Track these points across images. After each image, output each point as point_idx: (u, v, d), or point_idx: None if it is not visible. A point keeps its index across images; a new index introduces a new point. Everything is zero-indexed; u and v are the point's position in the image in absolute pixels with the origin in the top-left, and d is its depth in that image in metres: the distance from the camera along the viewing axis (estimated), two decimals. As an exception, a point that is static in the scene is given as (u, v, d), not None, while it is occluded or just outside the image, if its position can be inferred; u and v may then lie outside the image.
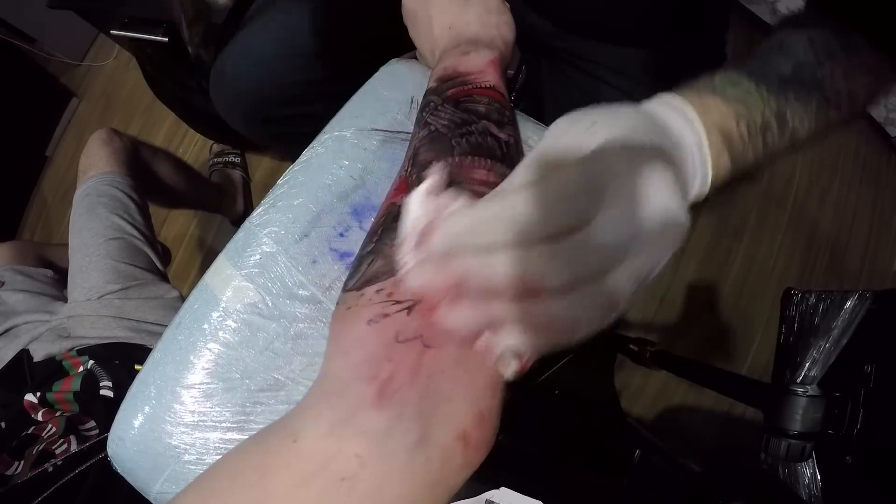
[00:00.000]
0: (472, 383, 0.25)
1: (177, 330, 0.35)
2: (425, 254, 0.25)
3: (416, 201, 0.27)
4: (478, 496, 0.47)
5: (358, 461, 0.23)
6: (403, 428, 0.24)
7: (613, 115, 0.27)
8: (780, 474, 0.71)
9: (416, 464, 0.24)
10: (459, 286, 0.24)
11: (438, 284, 0.25)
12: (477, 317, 0.24)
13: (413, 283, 0.26)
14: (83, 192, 0.86)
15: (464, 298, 0.24)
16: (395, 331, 0.26)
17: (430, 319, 0.25)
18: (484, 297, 0.24)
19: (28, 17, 1.45)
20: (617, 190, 0.23)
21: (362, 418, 0.24)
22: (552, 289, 0.23)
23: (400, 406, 0.24)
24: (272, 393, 0.33)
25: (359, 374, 0.25)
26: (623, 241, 0.23)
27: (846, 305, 0.70)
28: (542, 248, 0.23)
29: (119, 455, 0.34)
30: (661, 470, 0.91)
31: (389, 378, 0.24)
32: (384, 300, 0.27)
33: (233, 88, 0.69)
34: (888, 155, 1.45)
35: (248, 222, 0.36)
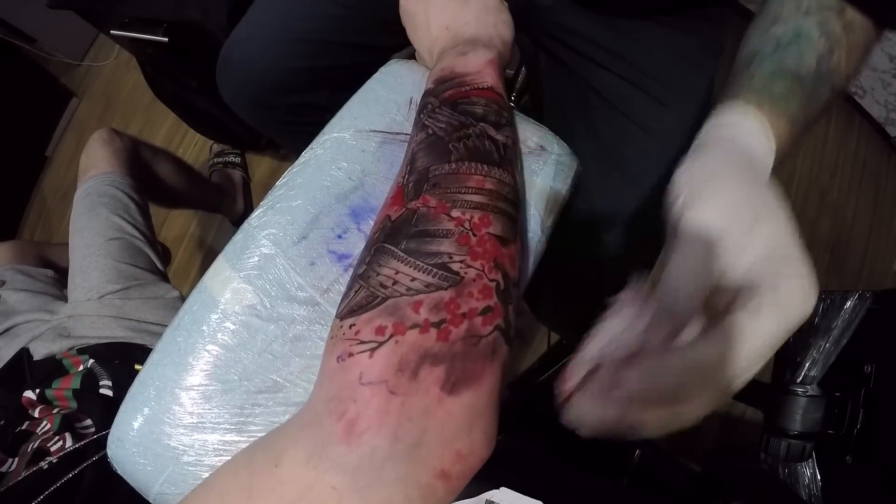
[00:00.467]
0: (443, 430, 0.25)
1: (176, 331, 0.35)
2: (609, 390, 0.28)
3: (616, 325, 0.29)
4: (478, 496, 0.47)
5: (335, 494, 0.23)
6: (377, 467, 0.24)
7: (772, 216, 0.30)
8: (780, 474, 0.71)
9: (396, 499, 0.24)
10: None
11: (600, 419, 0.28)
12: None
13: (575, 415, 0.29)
14: (83, 192, 0.86)
15: None
16: (359, 372, 0.25)
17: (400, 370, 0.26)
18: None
19: (28, 17, 1.46)
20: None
21: (334, 452, 0.24)
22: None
23: (370, 447, 0.24)
24: (270, 395, 0.33)
25: (328, 409, 0.25)
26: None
27: (846, 305, 0.70)
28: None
29: (118, 456, 0.35)
30: (661, 470, 0.91)
31: (356, 418, 0.24)
32: (352, 338, 0.27)
33: (240, 74, 0.69)
34: (888, 155, 1.45)
35: (247, 224, 0.36)
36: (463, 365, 0.26)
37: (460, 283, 0.27)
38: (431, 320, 0.26)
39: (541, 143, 0.43)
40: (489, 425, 0.26)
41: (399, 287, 0.27)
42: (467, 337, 0.26)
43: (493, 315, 0.27)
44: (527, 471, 0.55)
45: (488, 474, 0.48)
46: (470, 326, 0.26)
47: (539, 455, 1.00)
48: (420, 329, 0.26)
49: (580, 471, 0.73)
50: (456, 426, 0.25)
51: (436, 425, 0.25)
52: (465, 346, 0.26)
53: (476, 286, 0.27)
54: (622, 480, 0.94)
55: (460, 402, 0.25)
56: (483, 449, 0.26)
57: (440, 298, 0.27)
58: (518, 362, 1.29)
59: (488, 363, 0.27)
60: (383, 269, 0.28)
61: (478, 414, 0.26)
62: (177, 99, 1.26)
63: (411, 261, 0.28)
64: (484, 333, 0.27)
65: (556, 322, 0.87)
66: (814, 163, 1.42)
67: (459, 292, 0.27)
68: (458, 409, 0.25)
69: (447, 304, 0.27)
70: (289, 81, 0.68)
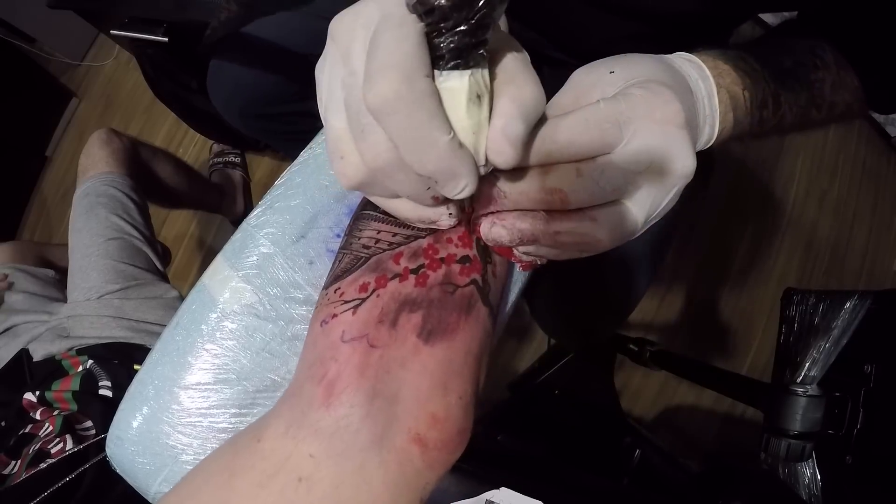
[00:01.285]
0: (418, 385, 0.25)
1: (174, 330, 0.35)
2: None
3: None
4: (478, 496, 0.47)
5: (312, 461, 0.24)
6: (353, 429, 0.24)
7: (631, 62, 0.29)
8: (780, 474, 0.71)
9: (371, 465, 0.24)
10: (496, 202, 0.26)
11: (482, 197, 0.26)
12: (512, 232, 0.25)
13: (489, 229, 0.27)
14: (83, 193, 0.86)
15: (501, 216, 0.26)
16: (342, 330, 0.26)
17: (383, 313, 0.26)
18: (518, 215, 0.25)
19: (28, 17, 1.45)
20: (637, 126, 0.25)
21: (313, 418, 0.24)
22: (577, 204, 0.25)
23: (348, 406, 0.24)
24: (269, 394, 0.33)
25: (309, 375, 0.26)
26: (639, 169, 0.25)
27: (846, 305, 0.70)
28: (568, 167, 0.24)
29: (117, 455, 0.34)
30: (661, 470, 0.91)
31: (336, 378, 0.25)
32: (336, 300, 0.27)
33: (230, 84, 0.70)
34: (888, 155, 1.45)
35: (246, 223, 0.36)
36: (439, 313, 0.26)
37: (439, 231, 0.28)
38: (410, 267, 0.27)
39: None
40: (465, 391, 0.26)
41: (381, 245, 0.28)
42: (444, 283, 0.27)
43: (472, 267, 0.28)
44: (527, 471, 0.55)
45: (488, 474, 0.48)
46: (447, 272, 0.27)
47: (539, 455, 1.00)
48: (400, 278, 0.26)
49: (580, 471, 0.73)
50: (431, 383, 0.25)
51: (411, 379, 0.25)
52: (442, 292, 0.26)
53: (455, 233, 0.28)
54: (622, 480, 0.94)
55: (435, 356, 0.26)
56: (459, 418, 0.26)
57: (418, 246, 0.27)
58: (518, 362, 1.29)
59: (463, 316, 0.27)
60: (364, 231, 0.29)
61: (452, 373, 0.26)
62: (177, 99, 1.26)
63: (391, 219, 0.28)
64: (460, 283, 0.27)
65: (553, 327, 0.87)
66: (814, 163, 1.43)
67: (438, 238, 0.28)
68: (432, 362, 0.25)
69: (425, 249, 0.27)
70: (279, 93, 0.68)
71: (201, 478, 0.27)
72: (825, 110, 0.39)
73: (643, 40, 0.53)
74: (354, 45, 0.22)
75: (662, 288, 1.35)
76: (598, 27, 0.54)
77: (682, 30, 0.51)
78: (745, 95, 0.33)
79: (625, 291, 0.70)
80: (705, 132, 0.32)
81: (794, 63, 0.37)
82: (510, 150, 0.22)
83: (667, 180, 0.26)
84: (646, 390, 1.31)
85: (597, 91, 0.28)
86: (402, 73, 0.20)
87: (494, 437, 1.00)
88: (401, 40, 0.20)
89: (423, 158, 0.21)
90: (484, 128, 0.22)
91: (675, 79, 0.29)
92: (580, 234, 0.25)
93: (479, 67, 0.21)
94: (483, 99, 0.22)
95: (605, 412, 1.15)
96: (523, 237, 0.25)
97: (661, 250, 0.72)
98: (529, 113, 0.22)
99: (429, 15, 0.19)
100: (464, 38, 0.20)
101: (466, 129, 0.22)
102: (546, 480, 0.56)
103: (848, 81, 0.40)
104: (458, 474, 0.50)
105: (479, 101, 0.22)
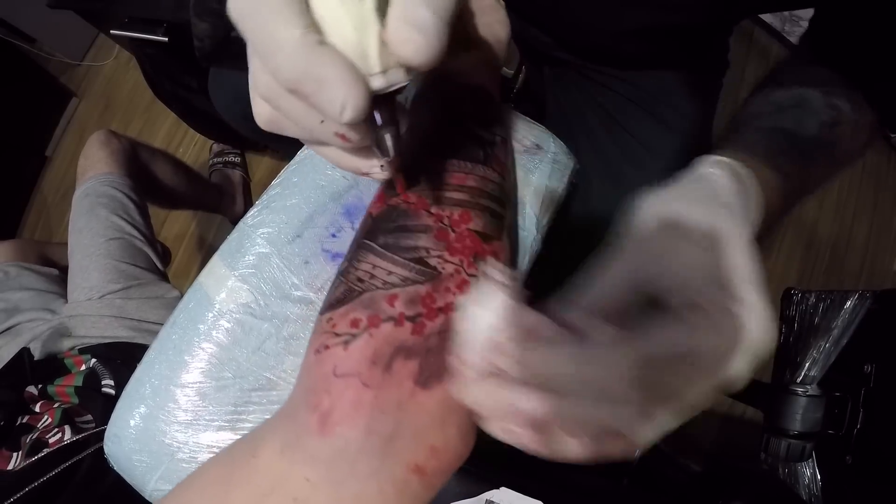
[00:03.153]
0: (417, 423, 0.25)
1: (171, 329, 0.35)
2: (496, 373, 0.23)
3: (490, 309, 0.24)
4: (478, 496, 0.47)
5: (309, 485, 0.23)
6: (350, 459, 0.24)
7: (707, 211, 0.26)
8: (780, 474, 0.71)
9: (370, 493, 0.24)
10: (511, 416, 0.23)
11: (491, 407, 0.23)
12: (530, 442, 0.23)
13: (467, 397, 0.24)
14: (82, 193, 0.86)
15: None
16: (333, 364, 0.25)
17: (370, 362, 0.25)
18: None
19: (28, 17, 1.46)
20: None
21: (308, 443, 0.24)
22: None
23: (344, 440, 0.24)
24: (264, 392, 0.33)
25: (304, 401, 0.26)
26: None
27: (846, 305, 0.70)
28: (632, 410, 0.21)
29: (115, 453, 0.35)
30: (661, 470, 0.91)
31: (329, 410, 0.24)
32: (329, 331, 0.27)
33: (232, 87, 0.69)
34: (888, 155, 1.45)
35: (243, 223, 0.37)
36: (437, 359, 0.26)
37: (437, 278, 0.27)
38: (407, 314, 0.26)
39: (537, 141, 0.43)
40: (464, 422, 0.26)
41: (375, 281, 0.27)
42: (443, 331, 0.26)
43: None
44: (527, 471, 0.55)
45: (488, 474, 0.48)
46: (446, 321, 0.26)
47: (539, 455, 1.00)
48: (395, 322, 0.26)
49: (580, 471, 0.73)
50: (429, 420, 0.25)
51: (409, 419, 0.25)
52: (441, 340, 0.26)
53: (453, 281, 0.27)
54: (622, 480, 0.94)
55: (433, 397, 0.25)
56: (458, 445, 0.26)
57: (416, 292, 0.26)
58: (518, 362, 1.29)
59: None
60: (361, 264, 0.28)
61: (451, 409, 0.26)
62: (177, 99, 1.26)
63: (388, 255, 0.28)
64: None
65: None
66: (814, 163, 1.42)
67: (436, 287, 0.27)
68: (430, 403, 0.25)
69: (423, 297, 0.26)
70: None
71: (197, 487, 0.27)
72: (844, 160, 0.39)
73: (648, 34, 0.52)
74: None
75: (662, 288, 1.35)
76: (602, 21, 0.53)
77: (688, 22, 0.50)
78: (780, 202, 0.33)
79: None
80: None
81: (820, 126, 0.37)
82: (419, 36, 0.18)
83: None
84: (646, 390, 1.31)
85: (673, 277, 0.25)
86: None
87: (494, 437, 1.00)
88: None
89: (273, 64, 0.18)
90: (371, 24, 0.18)
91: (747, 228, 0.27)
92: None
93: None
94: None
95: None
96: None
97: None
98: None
99: None
100: None
101: (344, 26, 0.18)
102: (546, 480, 0.56)
103: (864, 122, 0.39)
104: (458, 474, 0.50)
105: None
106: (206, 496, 0.26)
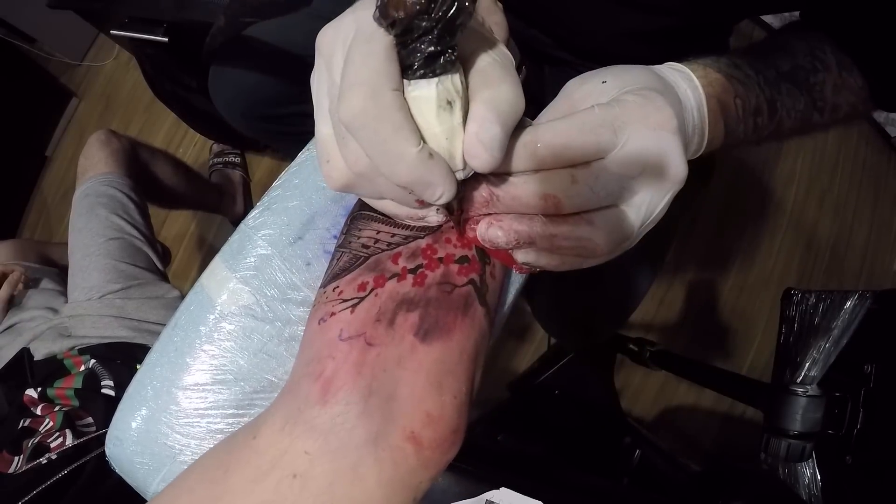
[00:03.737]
0: (414, 383, 0.25)
1: (173, 331, 0.35)
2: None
3: None
4: (478, 496, 0.47)
5: (307, 458, 0.24)
6: (349, 426, 0.24)
7: (623, 72, 0.29)
8: (780, 474, 0.71)
9: (366, 463, 0.24)
10: (489, 204, 0.26)
11: (477, 199, 0.26)
12: (508, 233, 0.26)
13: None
14: (82, 193, 0.86)
15: (498, 217, 0.26)
16: (340, 328, 0.26)
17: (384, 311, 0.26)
18: (515, 217, 0.26)
19: (28, 17, 1.46)
20: (631, 131, 0.25)
21: (309, 415, 0.24)
22: (572, 209, 0.25)
23: (344, 404, 0.24)
24: (266, 395, 0.33)
25: (306, 372, 0.26)
26: (633, 174, 0.25)
27: (846, 305, 0.70)
28: (563, 172, 0.25)
29: (117, 455, 0.35)
30: (661, 470, 0.92)
31: (333, 375, 0.25)
32: (335, 298, 0.27)
33: (232, 86, 0.70)
34: (888, 155, 1.45)
35: (244, 225, 0.36)
36: (436, 312, 0.26)
37: (438, 231, 0.28)
38: (408, 267, 0.27)
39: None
40: (459, 391, 0.26)
41: (380, 245, 0.28)
42: (442, 283, 0.27)
43: (470, 267, 0.28)
44: (527, 471, 0.55)
45: (488, 474, 0.49)
46: (445, 272, 0.27)
47: (539, 455, 1.00)
48: (398, 277, 0.27)
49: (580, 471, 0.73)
50: (426, 381, 0.25)
51: (408, 377, 0.25)
52: (439, 292, 0.27)
53: (454, 232, 0.28)
54: (622, 480, 0.94)
55: (431, 354, 0.26)
56: (453, 417, 0.26)
57: (417, 245, 0.28)
58: (518, 362, 1.29)
59: (460, 316, 0.27)
60: (363, 231, 0.29)
61: (448, 371, 0.26)
62: (177, 99, 1.26)
63: (390, 220, 0.29)
64: (458, 283, 0.27)
65: (554, 328, 0.87)
66: (814, 163, 1.42)
67: (437, 238, 0.28)
68: (429, 360, 0.26)
69: (424, 249, 0.27)
70: (281, 94, 0.68)
71: (196, 474, 0.27)
72: (828, 113, 0.39)
73: (645, 36, 0.53)
74: (335, 59, 0.24)
75: (662, 288, 1.35)
76: (599, 23, 0.54)
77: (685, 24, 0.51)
78: (736, 104, 0.34)
79: (625, 292, 0.70)
80: (694, 141, 0.32)
81: (792, 66, 0.37)
82: (485, 153, 0.22)
83: (661, 185, 0.26)
84: (646, 390, 1.31)
85: (590, 100, 0.28)
86: (368, 88, 0.21)
87: (494, 437, 1.01)
88: (368, 55, 0.21)
89: (394, 171, 0.22)
90: (458, 133, 0.23)
91: (666, 88, 0.30)
92: (577, 237, 0.25)
93: (449, 73, 0.22)
94: (455, 104, 0.22)
95: (605, 412, 1.15)
96: (520, 238, 0.25)
97: (661, 251, 0.72)
98: (505, 115, 0.22)
99: (393, 27, 0.20)
100: (429, 47, 0.20)
101: (438, 135, 0.22)
102: (546, 480, 0.56)
103: (851, 82, 0.40)
104: (458, 474, 0.50)
105: (451, 107, 0.22)
106: (204, 481, 0.26)
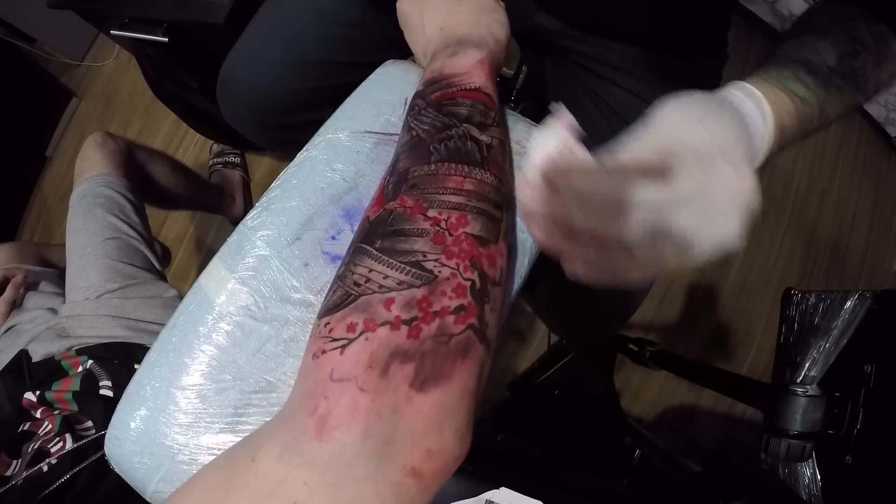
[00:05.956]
0: (413, 427, 0.25)
1: (172, 331, 0.35)
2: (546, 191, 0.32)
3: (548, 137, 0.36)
4: (478, 496, 0.47)
5: (307, 489, 0.24)
6: (347, 463, 0.24)
7: (717, 116, 0.32)
8: (780, 474, 0.71)
9: (366, 496, 0.24)
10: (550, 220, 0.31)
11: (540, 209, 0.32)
12: (547, 241, 0.31)
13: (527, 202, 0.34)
14: (79, 194, 0.86)
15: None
16: (331, 368, 0.26)
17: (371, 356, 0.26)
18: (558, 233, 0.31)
19: (28, 17, 1.46)
20: (709, 194, 0.28)
21: (306, 447, 0.24)
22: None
23: (341, 444, 0.24)
24: (264, 395, 0.33)
25: (302, 405, 0.26)
26: (689, 230, 0.28)
27: (846, 305, 0.70)
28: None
29: (116, 455, 0.35)
30: (661, 470, 0.91)
31: (327, 414, 0.25)
32: (326, 335, 0.27)
33: (242, 97, 0.68)
34: (888, 155, 1.45)
35: (243, 225, 0.37)
36: (433, 363, 0.26)
37: (433, 282, 0.27)
38: (402, 317, 0.26)
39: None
40: (461, 424, 0.26)
41: (371, 285, 0.27)
42: (438, 335, 0.26)
43: (467, 314, 0.28)
44: (527, 471, 0.55)
45: (488, 474, 0.48)
46: (441, 324, 0.27)
47: (539, 455, 1.00)
48: (391, 326, 0.26)
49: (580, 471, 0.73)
50: (425, 424, 0.25)
51: (405, 423, 0.25)
52: (436, 343, 0.26)
53: (449, 285, 0.28)
54: (622, 480, 0.94)
55: (429, 400, 0.25)
56: (455, 448, 0.26)
57: (412, 296, 0.27)
58: (518, 362, 1.29)
59: (459, 362, 0.27)
60: (358, 268, 0.29)
61: (447, 412, 0.26)
62: (177, 99, 1.26)
63: (385, 259, 0.28)
64: (456, 332, 0.27)
65: (555, 328, 0.87)
66: (814, 163, 1.42)
67: (432, 290, 0.27)
68: (426, 406, 0.25)
69: (419, 301, 0.27)
70: (293, 102, 0.67)
71: (197, 491, 0.27)
72: (872, 89, 0.40)
73: (648, 7, 0.53)
74: None
75: (662, 288, 1.35)
76: None
77: None
78: (793, 121, 0.36)
79: (626, 293, 0.69)
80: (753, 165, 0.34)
81: (840, 57, 0.38)
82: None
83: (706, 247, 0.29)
84: (646, 390, 1.31)
85: (683, 146, 0.30)
86: None
87: (494, 437, 1.00)
88: None
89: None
90: None
91: (746, 134, 0.33)
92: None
93: None
94: None
95: (605, 412, 1.14)
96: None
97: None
98: None
99: None
100: None
101: None
102: (546, 480, 0.56)
103: (889, 52, 0.40)
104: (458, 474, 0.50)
105: None
106: (204, 500, 0.26)
